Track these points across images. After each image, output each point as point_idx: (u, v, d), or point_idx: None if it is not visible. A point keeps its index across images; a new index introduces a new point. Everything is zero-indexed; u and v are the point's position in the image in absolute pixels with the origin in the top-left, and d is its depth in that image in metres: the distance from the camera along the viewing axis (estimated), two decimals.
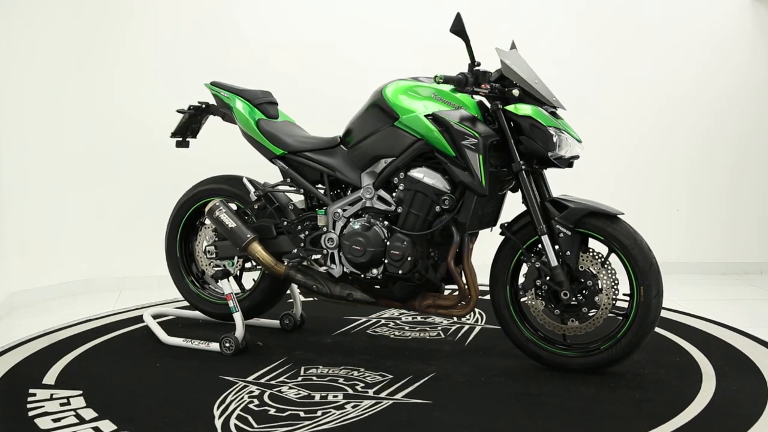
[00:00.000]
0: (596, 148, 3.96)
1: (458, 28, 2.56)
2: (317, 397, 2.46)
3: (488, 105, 2.76)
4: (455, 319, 3.41)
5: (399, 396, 2.47)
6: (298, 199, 3.11)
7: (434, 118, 2.65)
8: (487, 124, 2.68)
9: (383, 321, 3.44)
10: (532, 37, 4.35)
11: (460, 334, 3.20)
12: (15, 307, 3.85)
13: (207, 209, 2.99)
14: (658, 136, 4.65)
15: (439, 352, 2.96)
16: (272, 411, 2.34)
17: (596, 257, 2.62)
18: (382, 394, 2.49)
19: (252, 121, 3.01)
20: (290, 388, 2.56)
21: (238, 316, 2.96)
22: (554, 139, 2.56)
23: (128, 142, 4.24)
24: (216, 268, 3.17)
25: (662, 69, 4.60)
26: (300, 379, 2.65)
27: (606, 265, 2.61)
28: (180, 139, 3.25)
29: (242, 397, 2.46)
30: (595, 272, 2.61)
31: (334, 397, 2.46)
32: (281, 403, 2.41)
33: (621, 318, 2.63)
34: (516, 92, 2.59)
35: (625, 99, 4.62)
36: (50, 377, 2.68)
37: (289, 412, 2.32)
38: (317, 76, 4.35)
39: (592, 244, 2.67)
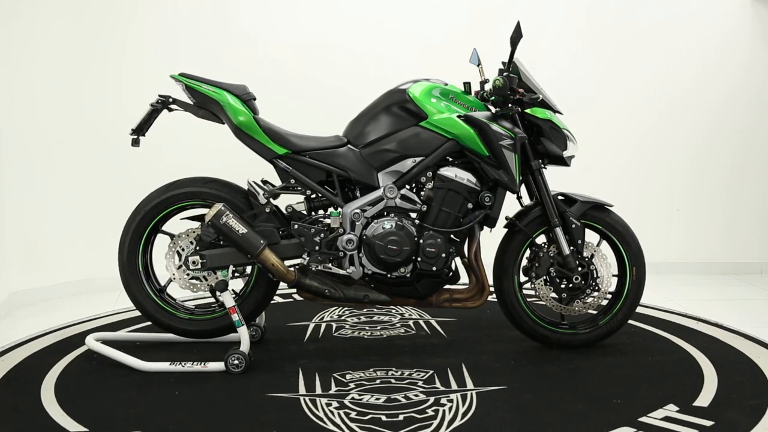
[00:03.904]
0: (596, 148, 4.06)
1: (517, 36, 2.71)
2: (402, 399, 2.42)
3: (490, 107, 2.95)
4: (417, 311, 3.53)
5: (468, 387, 2.55)
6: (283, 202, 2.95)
7: (467, 118, 2.76)
8: None
9: (335, 324, 3.38)
10: (532, 37, 4.24)
11: (427, 329, 3.30)
12: (15, 307, 3.81)
13: (212, 214, 2.67)
14: (657, 135, 4.61)
15: (435, 346, 3.04)
16: (384, 418, 2.26)
17: (590, 244, 2.97)
18: (452, 387, 2.54)
19: (251, 118, 2.78)
20: (359, 394, 2.47)
21: (243, 330, 2.72)
22: (568, 141, 2.86)
23: (130, 142, 3.68)
24: (193, 281, 2.85)
25: (662, 69, 4.56)
26: (353, 385, 2.56)
27: (599, 251, 2.98)
28: (136, 137, 2.85)
29: (330, 411, 2.32)
30: (592, 257, 2.96)
31: (416, 396, 2.45)
32: (375, 409, 2.33)
33: (614, 295, 3.03)
34: (539, 97, 2.82)
35: (624, 99, 4.57)
36: (50, 381, 2.59)
37: (403, 416, 2.27)
38: (315, 75, 4.28)
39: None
